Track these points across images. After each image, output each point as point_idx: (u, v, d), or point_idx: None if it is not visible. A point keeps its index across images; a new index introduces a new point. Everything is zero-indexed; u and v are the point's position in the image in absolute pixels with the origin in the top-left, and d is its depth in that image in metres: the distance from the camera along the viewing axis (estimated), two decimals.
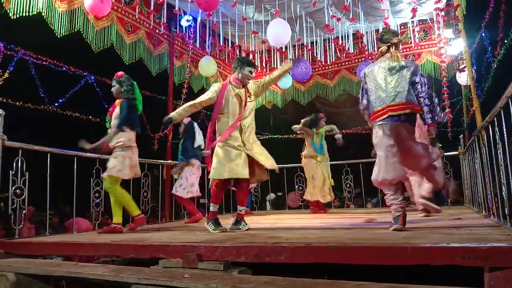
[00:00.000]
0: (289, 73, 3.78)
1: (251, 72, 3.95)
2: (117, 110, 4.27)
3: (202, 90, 7.90)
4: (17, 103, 5.32)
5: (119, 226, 4.16)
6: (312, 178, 6.49)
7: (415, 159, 3.33)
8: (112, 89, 4.37)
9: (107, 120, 4.39)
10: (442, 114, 4.17)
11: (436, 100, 4.13)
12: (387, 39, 3.42)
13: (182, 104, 6.81)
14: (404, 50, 7.45)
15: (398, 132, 3.20)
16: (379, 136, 3.25)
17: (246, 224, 3.82)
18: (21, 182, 3.76)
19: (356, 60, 8.11)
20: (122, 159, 4.15)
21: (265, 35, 6.49)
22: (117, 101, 4.33)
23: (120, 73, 4.36)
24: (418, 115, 3.37)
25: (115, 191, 4.17)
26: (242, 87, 3.94)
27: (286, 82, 7.94)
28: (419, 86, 3.26)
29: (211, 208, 3.84)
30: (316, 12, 7.03)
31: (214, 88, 3.92)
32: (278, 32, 5.90)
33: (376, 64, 3.42)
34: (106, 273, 2.61)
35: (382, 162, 3.21)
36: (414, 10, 6.40)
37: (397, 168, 3.17)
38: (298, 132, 6.63)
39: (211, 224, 3.74)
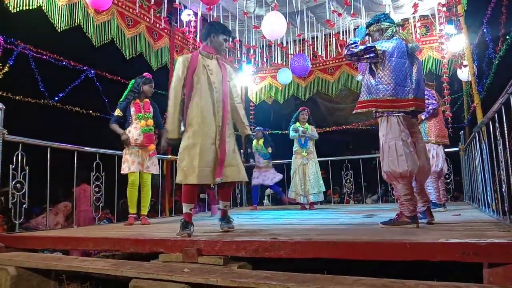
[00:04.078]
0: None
1: (226, 40, 3.37)
2: (151, 109, 4.57)
3: None
4: (17, 97, 5.31)
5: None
6: (293, 176, 6.49)
7: None
8: (150, 89, 4.61)
9: (139, 116, 4.48)
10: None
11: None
12: (393, 20, 3.29)
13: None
14: None
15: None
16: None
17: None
18: (21, 176, 3.77)
19: None
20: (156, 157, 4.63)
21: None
22: (147, 100, 4.59)
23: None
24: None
25: (150, 186, 4.56)
26: (213, 58, 3.33)
27: (286, 78, 7.92)
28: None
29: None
30: (317, 7, 7.00)
31: (181, 62, 3.24)
32: (273, 25, 5.85)
33: (398, 41, 3.15)
34: (106, 267, 2.62)
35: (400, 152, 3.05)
36: (415, 5, 6.37)
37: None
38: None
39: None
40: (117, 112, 4.49)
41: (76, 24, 5.12)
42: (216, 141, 3.16)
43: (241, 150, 7.59)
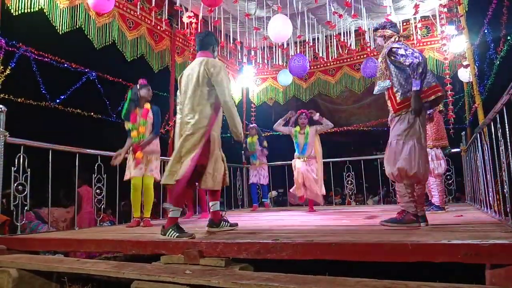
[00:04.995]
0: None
1: None
2: (150, 114, 4.50)
3: None
4: (19, 100, 5.32)
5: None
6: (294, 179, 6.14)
7: None
8: (148, 92, 4.54)
9: (132, 127, 4.44)
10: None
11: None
12: (398, 30, 3.35)
13: None
14: None
15: None
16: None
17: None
18: (23, 178, 3.77)
19: (358, 57, 8.08)
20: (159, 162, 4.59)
21: (267, 31, 6.47)
22: (147, 105, 4.51)
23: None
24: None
25: (152, 189, 4.50)
26: None
27: (287, 79, 7.93)
28: None
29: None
30: (318, 8, 7.00)
31: (225, 69, 3.32)
32: (279, 28, 5.88)
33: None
34: (108, 269, 2.62)
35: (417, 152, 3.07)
36: (416, 6, 6.37)
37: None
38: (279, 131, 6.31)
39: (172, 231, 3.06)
40: (127, 126, 4.45)
41: (77, 27, 5.14)
42: None
43: (243, 152, 7.63)
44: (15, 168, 3.72)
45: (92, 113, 6.35)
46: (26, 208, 3.84)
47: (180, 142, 3.19)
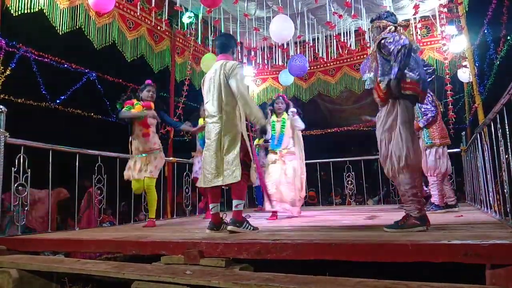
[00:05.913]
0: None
1: None
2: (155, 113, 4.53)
3: None
4: (19, 100, 5.31)
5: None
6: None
7: None
8: (153, 94, 4.62)
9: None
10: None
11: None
12: (395, 19, 3.17)
13: (184, 100, 6.89)
14: None
15: None
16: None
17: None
18: (23, 179, 3.77)
19: (358, 57, 8.09)
20: (163, 160, 4.57)
21: (267, 32, 6.47)
22: (152, 105, 4.56)
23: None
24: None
25: (154, 190, 4.44)
26: None
27: (288, 79, 7.93)
28: None
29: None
30: (318, 8, 7.01)
31: (240, 67, 3.40)
32: (281, 28, 5.88)
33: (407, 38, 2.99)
34: (109, 270, 2.62)
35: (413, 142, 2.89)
36: (416, 7, 6.37)
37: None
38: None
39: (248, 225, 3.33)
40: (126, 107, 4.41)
41: (77, 27, 5.14)
42: None
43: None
44: (15, 169, 3.72)
45: (92, 114, 6.35)
46: (26, 208, 3.84)
47: (214, 145, 3.31)
